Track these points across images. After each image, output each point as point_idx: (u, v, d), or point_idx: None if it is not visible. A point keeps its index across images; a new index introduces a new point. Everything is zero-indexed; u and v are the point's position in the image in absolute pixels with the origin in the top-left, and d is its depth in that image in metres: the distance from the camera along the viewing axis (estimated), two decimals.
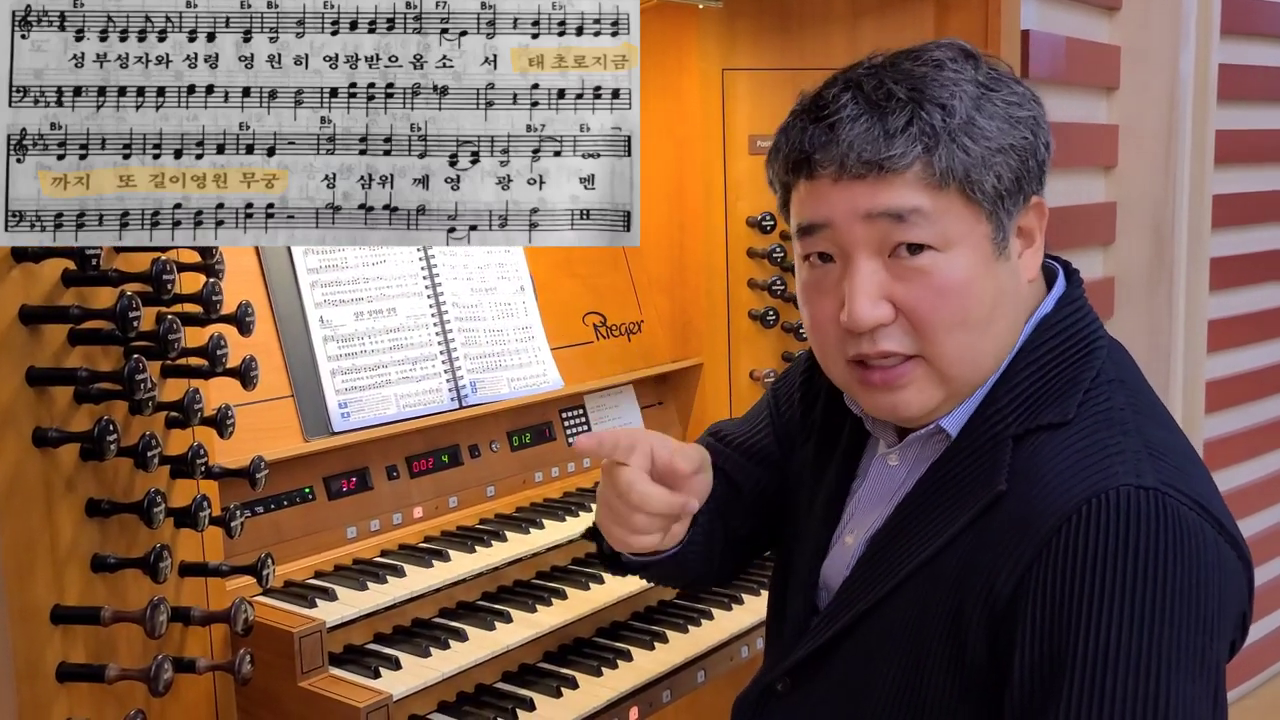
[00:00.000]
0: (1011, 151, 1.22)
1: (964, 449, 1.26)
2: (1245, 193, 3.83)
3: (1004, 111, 1.22)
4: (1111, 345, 1.31)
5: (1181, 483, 1.14)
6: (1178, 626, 1.08)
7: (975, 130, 1.20)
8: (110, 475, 1.52)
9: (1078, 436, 1.19)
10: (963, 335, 1.23)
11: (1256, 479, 4.01)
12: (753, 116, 2.71)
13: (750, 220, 2.74)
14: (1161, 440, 1.20)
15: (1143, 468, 1.14)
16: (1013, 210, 1.24)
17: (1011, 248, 1.25)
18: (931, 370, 1.25)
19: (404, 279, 2.27)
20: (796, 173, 1.28)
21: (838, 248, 1.25)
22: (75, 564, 1.46)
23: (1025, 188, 1.25)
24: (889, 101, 1.20)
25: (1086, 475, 1.15)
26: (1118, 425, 1.20)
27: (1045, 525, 1.13)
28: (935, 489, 1.28)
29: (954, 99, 1.20)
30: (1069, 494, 1.14)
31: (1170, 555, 1.09)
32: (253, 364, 1.69)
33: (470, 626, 1.95)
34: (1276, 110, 3.97)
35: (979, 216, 1.22)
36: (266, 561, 1.70)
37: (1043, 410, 1.23)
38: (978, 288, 1.22)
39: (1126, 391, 1.24)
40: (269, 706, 1.77)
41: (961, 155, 1.19)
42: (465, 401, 2.31)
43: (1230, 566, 1.15)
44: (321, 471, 2.10)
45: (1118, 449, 1.17)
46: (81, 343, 1.46)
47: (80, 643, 1.47)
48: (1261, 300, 4.00)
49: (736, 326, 2.77)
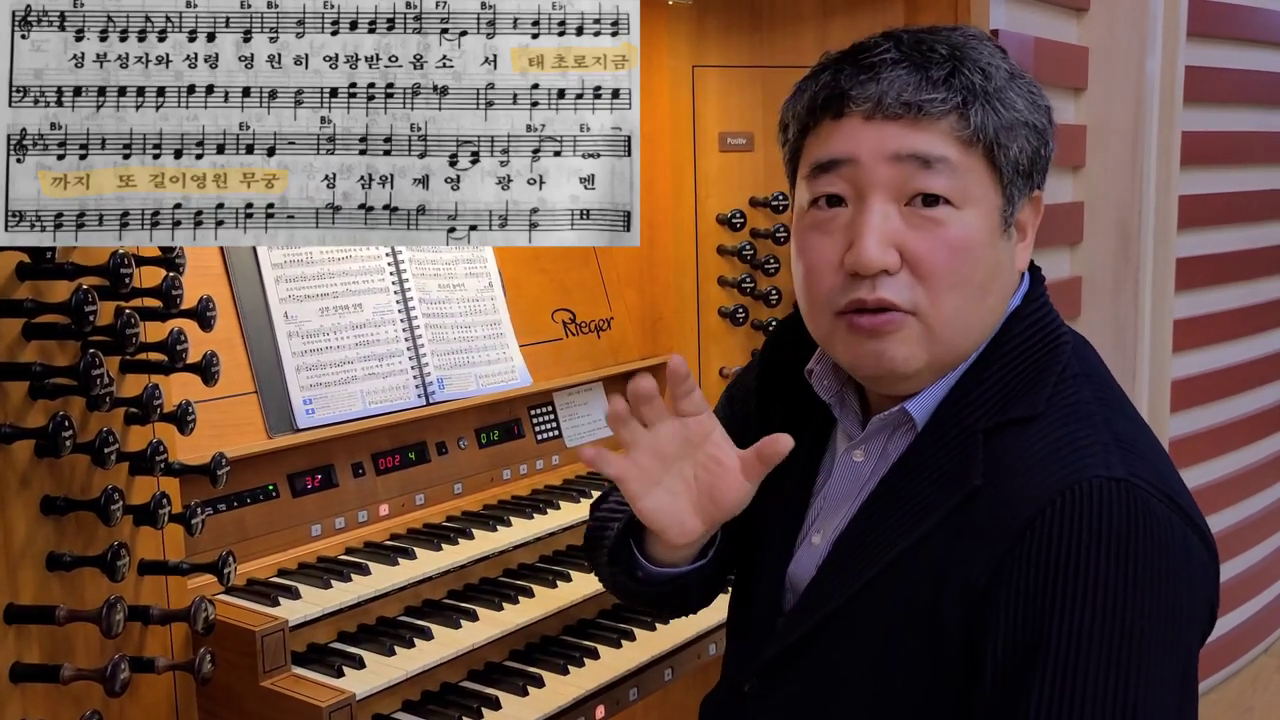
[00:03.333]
0: (1034, 131, 1.25)
1: (932, 442, 1.25)
2: (1211, 194, 3.87)
3: (1028, 94, 1.25)
4: (1076, 340, 1.32)
5: (1150, 474, 1.15)
6: (1149, 617, 1.09)
7: (1007, 100, 1.22)
8: (66, 472, 1.49)
9: (1048, 429, 1.20)
10: (960, 297, 1.22)
11: (1221, 477, 4.05)
12: (722, 114, 2.71)
13: (720, 217, 2.73)
14: (1128, 433, 1.21)
15: (1112, 459, 1.15)
16: (1023, 190, 1.26)
17: (1014, 234, 1.28)
18: (922, 327, 1.23)
19: (370, 274, 2.25)
20: (824, 110, 1.26)
21: (854, 188, 1.24)
22: (30, 562, 1.43)
23: (1035, 175, 1.27)
24: (931, 54, 1.22)
25: (1058, 468, 1.15)
26: (1086, 418, 1.20)
27: (1019, 518, 1.13)
28: (903, 484, 1.26)
29: (991, 66, 1.23)
30: (1041, 487, 1.14)
31: (1141, 546, 1.10)
32: (214, 359, 1.67)
33: (436, 625, 1.94)
34: (1242, 112, 4.01)
35: (996, 184, 1.23)
36: (228, 559, 1.68)
37: (1012, 404, 1.23)
38: (982, 253, 1.23)
39: (1093, 385, 1.25)
40: (230, 706, 1.75)
41: (994, 117, 1.21)
42: (432, 398, 2.29)
43: (1198, 557, 1.16)
44: (285, 468, 2.07)
45: (1087, 441, 1.17)
46: (36, 337, 1.43)
47: (35, 643, 1.44)
48: (1226, 301, 4.04)
49: (706, 324, 2.76)
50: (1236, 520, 4.13)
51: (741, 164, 2.76)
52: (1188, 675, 1.14)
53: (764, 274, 2.75)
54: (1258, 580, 4.29)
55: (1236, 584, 4.11)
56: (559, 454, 2.57)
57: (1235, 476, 4.12)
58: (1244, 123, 4.01)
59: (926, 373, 1.27)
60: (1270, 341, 4.32)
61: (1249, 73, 3.98)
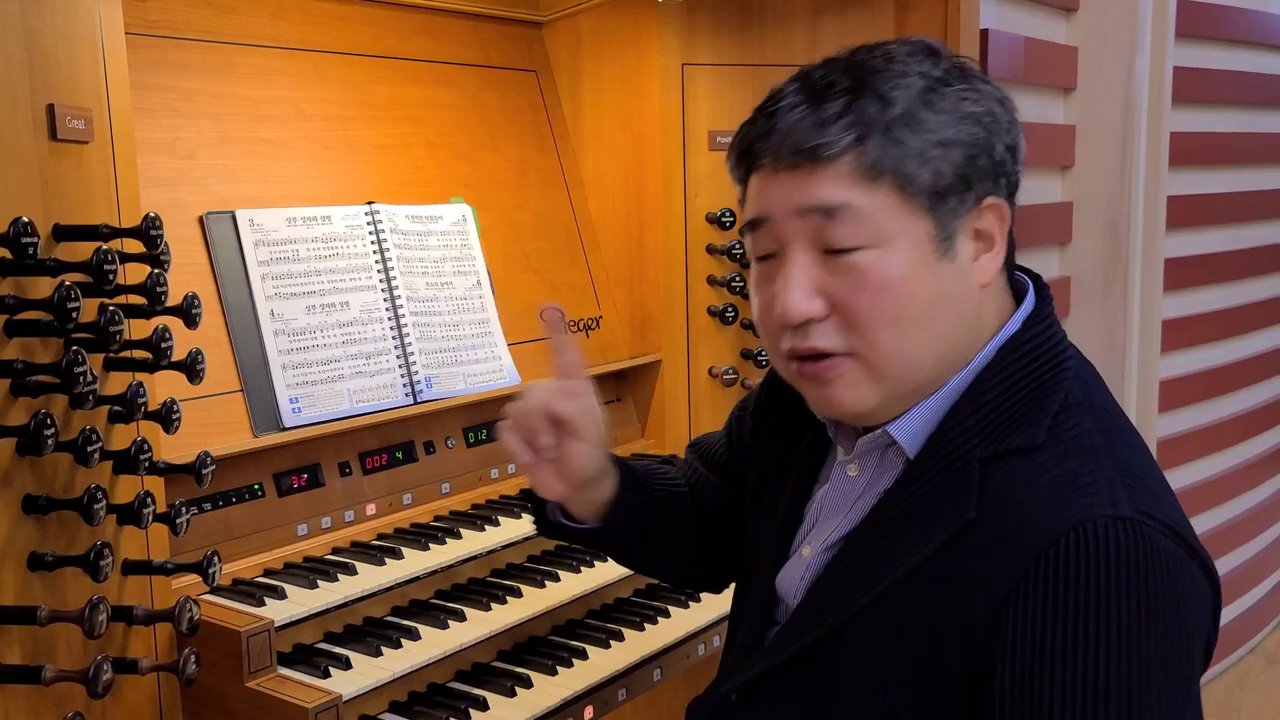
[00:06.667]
0: (955, 146, 1.18)
1: (925, 470, 1.22)
2: (1199, 194, 3.88)
3: (954, 106, 1.18)
4: (1079, 365, 1.27)
5: (1157, 510, 1.12)
6: (1165, 658, 1.06)
7: (916, 123, 1.16)
8: (49, 470, 1.48)
9: (1050, 464, 1.15)
10: (895, 333, 1.19)
11: (1209, 477, 4.06)
12: (713, 112, 2.70)
13: (710, 216, 2.72)
14: (1134, 466, 1.16)
15: (1118, 497, 1.11)
16: (958, 210, 1.19)
17: (960, 249, 1.20)
18: (863, 367, 1.21)
19: (357, 272, 2.24)
20: (744, 166, 1.26)
21: (776, 242, 1.23)
22: (11, 562, 1.41)
23: (975, 187, 1.19)
24: (829, 91, 1.18)
25: (1062, 506, 1.11)
26: (1089, 451, 1.16)
27: (1023, 557, 1.10)
28: (896, 513, 1.23)
29: (895, 90, 1.17)
30: (1045, 525, 1.10)
31: (1151, 587, 1.07)
32: (199, 357, 1.66)
33: (423, 625, 1.92)
34: (1230, 113, 4.02)
35: (917, 213, 1.18)
36: (213, 559, 1.66)
37: (1010, 434, 1.19)
38: (914, 286, 1.18)
39: (1096, 415, 1.21)
40: (215, 707, 1.74)
41: (894, 148, 1.16)
42: (420, 397, 2.27)
43: (1202, 592, 1.14)
44: (272, 468, 2.06)
45: (1091, 478, 1.13)
46: (18, 334, 1.42)
47: (17, 643, 1.43)
48: (1214, 301, 4.05)
49: (695, 323, 2.75)
50: (1223, 520, 4.14)
51: None
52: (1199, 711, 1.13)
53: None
54: (1244, 580, 4.30)
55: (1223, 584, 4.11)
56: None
57: (1222, 476, 4.13)
58: (1232, 123, 4.03)
59: (891, 405, 1.24)
60: (1258, 342, 4.34)
61: (1237, 74, 3.99)
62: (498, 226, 2.60)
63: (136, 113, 1.74)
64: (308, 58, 2.35)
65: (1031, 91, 3.23)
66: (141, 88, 1.98)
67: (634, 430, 2.79)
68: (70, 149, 1.53)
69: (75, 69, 1.55)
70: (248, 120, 2.22)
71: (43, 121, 1.48)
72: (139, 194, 1.68)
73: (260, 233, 2.12)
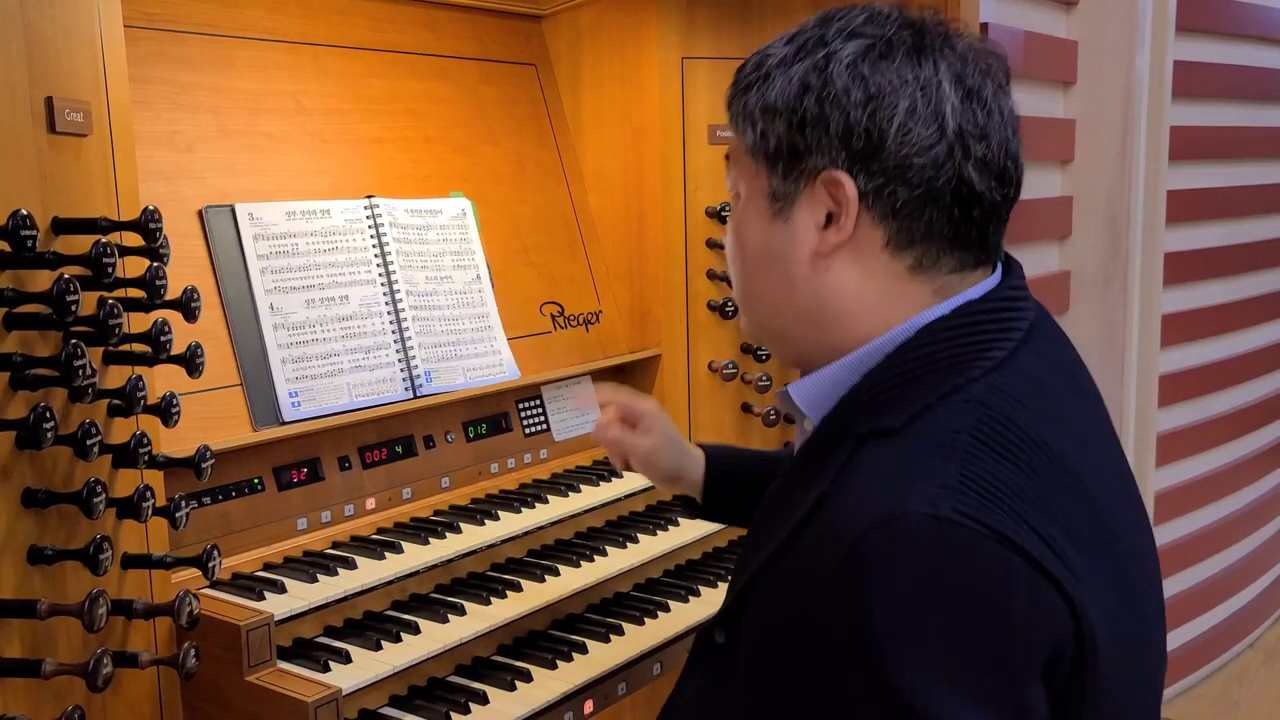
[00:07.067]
0: (778, 114, 1.21)
1: (817, 439, 1.23)
2: (1199, 188, 3.87)
3: (798, 74, 1.20)
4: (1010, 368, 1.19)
5: (987, 515, 1.04)
6: (957, 669, 1.01)
7: (762, 86, 1.23)
8: (48, 464, 1.47)
9: (901, 451, 1.11)
10: (735, 273, 1.34)
11: (1209, 471, 4.06)
12: (713, 106, 2.70)
13: (710, 210, 2.72)
14: (987, 473, 1.08)
15: (941, 496, 1.05)
16: (793, 176, 1.22)
17: (798, 215, 1.22)
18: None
19: (357, 266, 2.23)
20: None
21: None
22: (10, 555, 1.41)
23: (806, 159, 1.20)
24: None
25: (885, 496, 1.07)
26: (942, 448, 1.10)
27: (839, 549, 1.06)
28: (792, 476, 1.25)
29: (769, 50, 1.25)
30: (862, 512, 1.06)
31: (948, 587, 1.02)
32: (198, 351, 1.65)
33: (423, 619, 1.92)
34: (1230, 107, 4.01)
35: (759, 171, 1.25)
36: (212, 553, 1.66)
37: (885, 414, 1.16)
38: (745, 236, 1.29)
39: (982, 416, 1.13)
40: (215, 701, 1.74)
41: (737, 106, 1.26)
42: (420, 391, 2.27)
43: (1046, 601, 1.04)
44: (271, 462, 2.06)
45: (923, 473, 1.07)
46: (17, 327, 1.41)
47: (17, 637, 1.42)
48: (1214, 295, 4.05)
49: (695, 317, 2.75)
50: (1223, 515, 4.14)
51: None
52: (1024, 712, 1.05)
53: None
54: (1243, 575, 4.31)
55: (1222, 579, 4.12)
56: (547, 448, 2.56)
57: (1221, 471, 4.13)
58: (1232, 118, 4.02)
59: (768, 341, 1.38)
60: (1258, 336, 4.33)
61: (1237, 68, 3.98)
62: (497, 220, 2.60)
63: (135, 106, 1.74)
64: (306, 51, 2.35)
65: (1031, 85, 3.23)
66: (140, 81, 1.97)
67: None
68: (69, 142, 1.53)
69: (74, 62, 1.55)
70: (247, 114, 2.21)
71: (41, 114, 1.48)
72: (138, 187, 1.68)
73: (260, 226, 2.12)
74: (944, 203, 1.18)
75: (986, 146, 1.18)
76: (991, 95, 1.19)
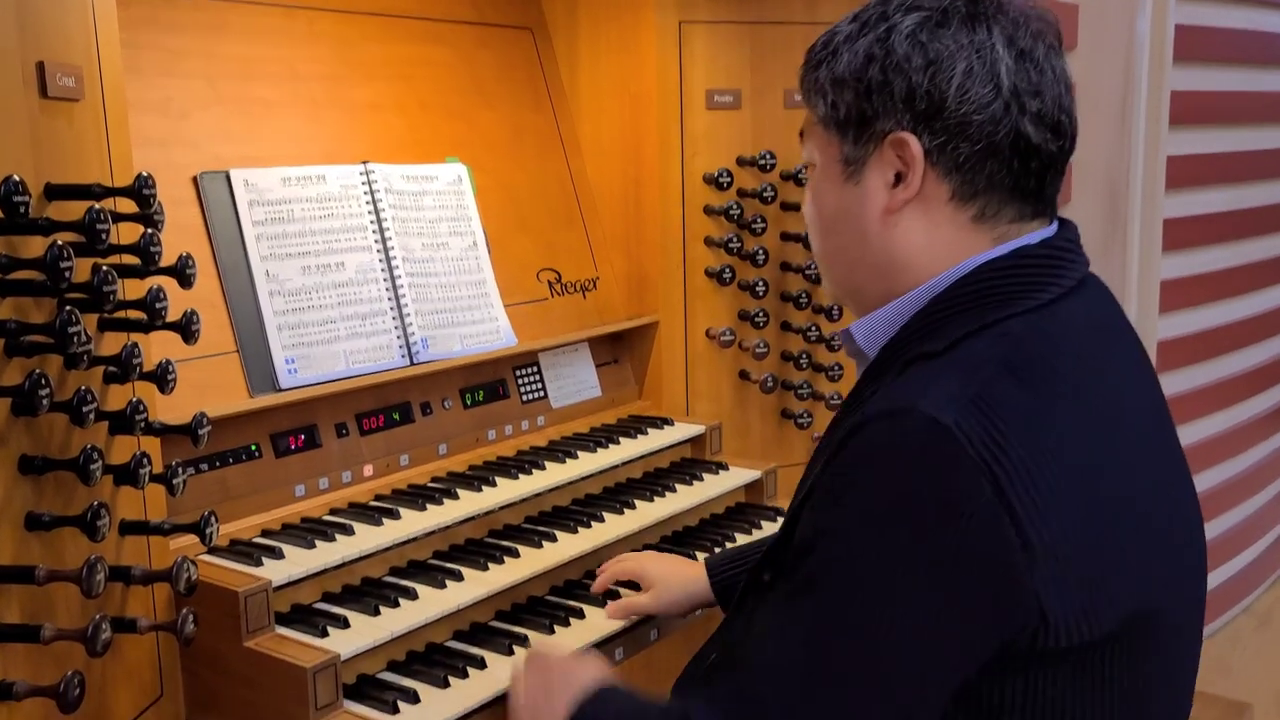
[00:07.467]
0: (849, 85, 1.31)
1: (873, 367, 1.36)
2: (1199, 154, 3.85)
3: (863, 48, 1.30)
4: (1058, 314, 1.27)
5: (980, 435, 1.13)
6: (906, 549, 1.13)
7: (830, 61, 1.33)
8: (44, 431, 1.47)
9: (934, 370, 1.22)
10: (814, 238, 1.44)
11: (1207, 437, 4.07)
12: (710, 71, 2.68)
13: (707, 176, 2.71)
14: (1003, 398, 1.16)
15: (949, 405, 1.14)
16: (863, 140, 1.32)
17: (869, 176, 1.32)
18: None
19: (352, 232, 2.22)
20: None
21: None
22: (8, 522, 1.41)
23: (874, 124, 1.30)
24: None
25: (899, 397, 1.19)
26: (968, 368, 1.20)
27: (849, 430, 1.21)
28: (846, 404, 1.38)
29: (839, 30, 1.34)
30: (878, 408, 1.19)
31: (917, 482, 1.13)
32: (194, 318, 1.65)
33: (421, 585, 1.93)
34: (1232, 72, 3.98)
35: (831, 139, 1.36)
36: (210, 519, 1.66)
37: (930, 339, 1.27)
38: (822, 200, 1.40)
39: (1013, 346, 1.22)
40: (214, 667, 1.75)
41: (809, 82, 1.37)
42: (416, 358, 2.27)
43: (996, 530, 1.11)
44: (268, 428, 2.06)
45: (943, 385, 1.18)
46: (11, 293, 1.40)
47: (16, 603, 1.43)
48: (1213, 261, 4.04)
49: (693, 284, 2.74)
50: (1220, 480, 4.15)
51: (729, 122, 2.72)
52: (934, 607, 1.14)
53: (751, 234, 2.72)
54: (1238, 540, 4.33)
55: (1218, 544, 4.13)
56: (544, 415, 2.56)
57: (1219, 437, 4.14)
58: (1233, 82, 3.99)
59: (845, 298, 1.45)
60: (1257, 302, 4.33)
61: (1239, 32, 3.94)
62: (493, 187, 2.58)
63: (127, 72, 1.72)
64: (300, 15, 2.32)
65: None
66: (132, 46, 1.95)
67: (631, 392, 2.79)
68: (61, 107, 1.51)
69: (65, 26, 1.53)
70: (240, 79, 2.19)
71: (33, 79, 1.46)
72: (131, 153, 1.67)
73: (255, 193, 2.11)
74: (1003, 156, 1.27)
75: (1040, 102, 1.28)
76: (1043, 55, 1.31)
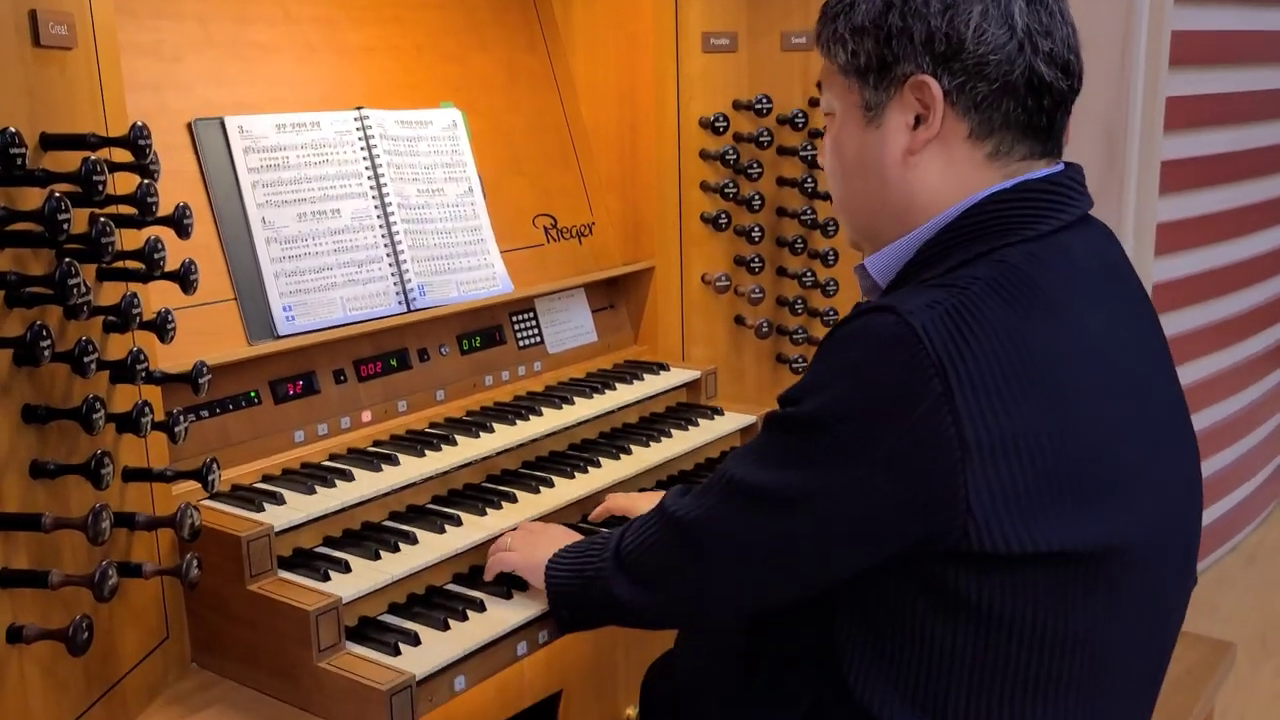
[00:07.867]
0: (869, 31, 1.38)
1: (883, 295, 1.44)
2: (1198, 95, 3.83)
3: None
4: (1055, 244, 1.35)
5: (943, 340, 1.22)
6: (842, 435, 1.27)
7: (851, 11, 1.41)
8: (47, 381, 1.49)
9: (926, 289, 1.30)
10: (834, 184, 1.52)
11: (1202, 378, 4.10)
12: (706, 13, 2.65)
13: (703, 120, 2.70)
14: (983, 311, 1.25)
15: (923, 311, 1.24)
16: (883, 85, 1.40)
17: (889, 120, 1.41)
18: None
19: (348, 179, 2.22)
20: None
21: None
22: (13, 470, 1.43)
23: (895, 68, 1.38)
24: None
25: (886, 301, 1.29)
26: (956, 287, 1.28)
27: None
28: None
29: None
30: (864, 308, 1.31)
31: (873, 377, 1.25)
32: (192, 267, 1.66)
33: (420, 529, 1.96)
34: (1233, 11, 3.95)
35: (850, 86, 1.44)
36: (212, 466, 1.69)
37: (932, 267, 1.36)
38: (844, 147, 1.47)
39: (1004, 270, 1.30)
40: (218, 610, 1.78)
41: (828, 32, 1.44)
42: (413, 305, 2.28)
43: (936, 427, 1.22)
44: (267, 375, 2.07)
45: (931, 295, 1.27)
46: (10, 245, 1.41)
47: (23, 549, 1.45)
48: (1210, 204, 4.04)
49: (689, 229, 2.74)
50: (1214, 420, 4.19)
51: (725, 65, 2.71)
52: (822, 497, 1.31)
53: (747, 179, 2.72)
54: (1226, 482, 4.38)
55: (1211, 483, 4.17)
56: (541, 360, 2.58)
57: (1215, 378, 4.17)
58: (1234, 21, 3.96)
59: (864, 243, 1.52)
60: (1254, 244, 4.34)
61: None
62: (488, 131, 2.57)
63: (119, 15, 1.71)
64: None
65: None
66: None
67: (627, 337, 2.80)
68: (54, 55, 1.51)
69: None
70: (233, 22, 2.17)
71: (25, 28, 1.45)
72: (125, 101, 1.66)
73: (250, 139, 2.10)
74: (1019, 94, 1.36)
75: (1052, 42, 1.35)
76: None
